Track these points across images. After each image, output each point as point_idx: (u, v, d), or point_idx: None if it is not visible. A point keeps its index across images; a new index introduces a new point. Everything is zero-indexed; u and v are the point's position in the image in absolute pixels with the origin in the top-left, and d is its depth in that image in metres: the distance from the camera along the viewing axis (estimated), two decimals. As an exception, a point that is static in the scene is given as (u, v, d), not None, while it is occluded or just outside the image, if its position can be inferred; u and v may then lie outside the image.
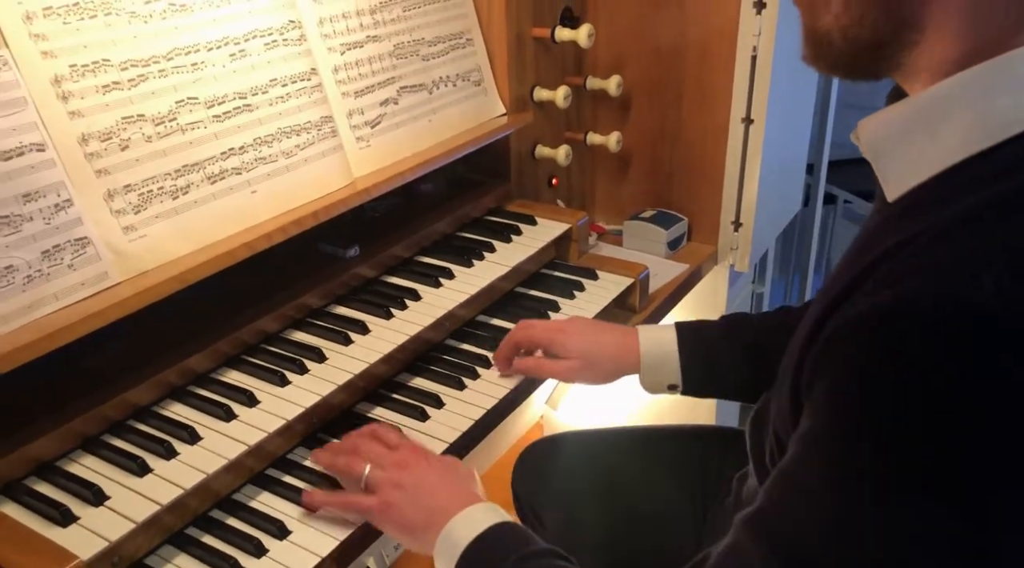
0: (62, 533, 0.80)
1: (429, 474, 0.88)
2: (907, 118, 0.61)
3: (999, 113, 0.56)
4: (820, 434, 0.58)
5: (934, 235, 0.55)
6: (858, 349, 0.55)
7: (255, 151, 1.06)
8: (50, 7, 0.88)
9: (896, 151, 0.62)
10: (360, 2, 1.21)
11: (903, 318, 0.53)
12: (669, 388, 1.08)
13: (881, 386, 0.53)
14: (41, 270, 0.85)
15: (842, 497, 0.55)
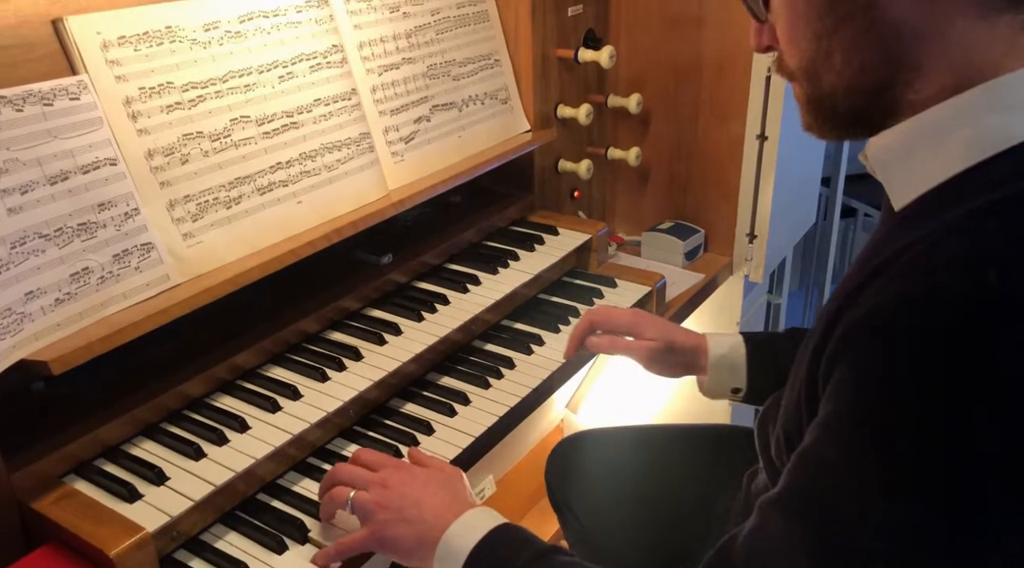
0: (129, 508, 0.90)
1: (413, 488, 0.87)
2: (911, 136, 0.67)
3: (990, 131, 0.62)
4: (835, 421, 0.63)
5: (933, 239, 0.60)
6: (863, 347, 0.61)
7: (300, 165, 1.15)
8: (124, 36, 0.98)
9: (901, 165, 0.68)
10: (397, 27, 1.30)
11: (903, 314, 0.58)
12: (732, 392, 1.13)
13: (883, 381, 0.59)
14: (112, 272, 0.95)
15: (857, 475, 0.61)
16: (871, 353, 0.60)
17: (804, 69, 0.71)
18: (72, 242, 0.91)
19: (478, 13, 1.44)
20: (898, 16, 0.63)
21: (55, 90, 0.90)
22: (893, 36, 0.64)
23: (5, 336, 0.83)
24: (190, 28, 1.05)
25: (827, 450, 0.63)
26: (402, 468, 0.92)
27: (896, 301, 0.59)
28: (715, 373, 1.13)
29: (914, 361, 0.57)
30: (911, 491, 0.58)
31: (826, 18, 0.67)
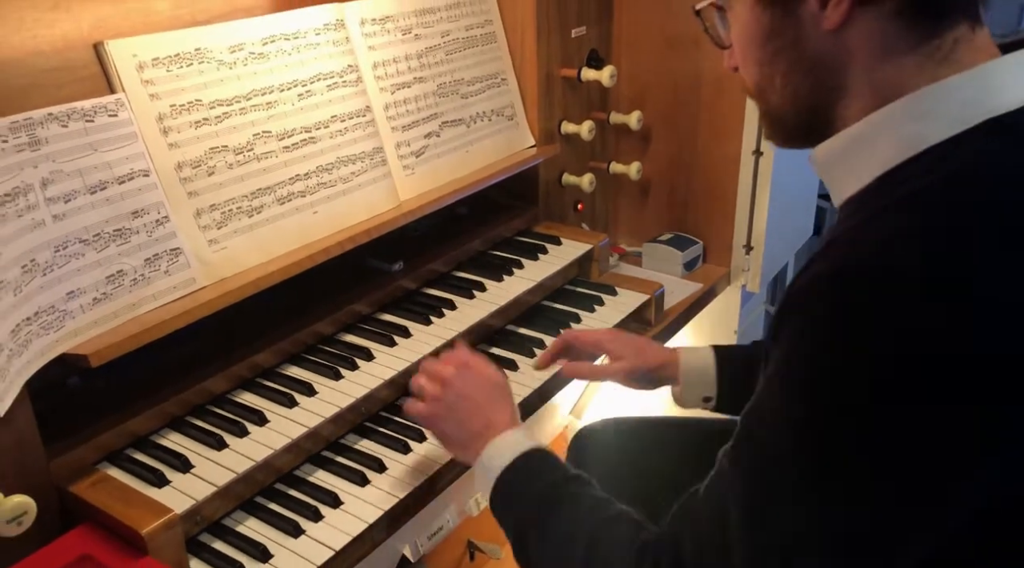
0: (158, 492, 0.97)
1: (468, 391, 1.02)
2: (844, 144, 0.77)
3: (908, 137, 0.72)
4: (766, 380, 0.73)
5: (857, 224, 0.70)
6: (788, 321, 0.69)
7: (317, 177, 1.23)
8: (157, 58, 1.06)
9: (838, 168, 0.78)
10: (409, 48, 1.39)
11: (817, 287, 0.67)
12: (704, 401, 1.20)
13: (799, 347, 0.68)
14: (144, 275, 1.03)
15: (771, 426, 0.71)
16: (792, 325, 0.69)
17: (754, 90, 0.82)
18: (108, 247, 0.99)
19: (486, 35, 1.52)
20: (821, 48, 0.75)
21: (96, 107, 0.98)
22: (818, 66, 0.76)
23: (49, 331, 0.91)
24: (217, 50, 1.13)
25: (760, 401, 0.73)
26: (463, 368, 1.06)
27: (814, 279, 0.68)
28: (687, 383, 1.20)
29: (819, 330, 0.66)
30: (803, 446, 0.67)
31: (766, 49, 0.78)
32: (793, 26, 0.76)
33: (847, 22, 0.73)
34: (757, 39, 0.79)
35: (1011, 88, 0.70)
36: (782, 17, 0.76)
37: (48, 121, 0.92)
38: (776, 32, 0.77)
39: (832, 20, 0.73)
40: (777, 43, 0.77)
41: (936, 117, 0.71)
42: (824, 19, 0.73)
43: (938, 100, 0.71)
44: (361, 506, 1.04)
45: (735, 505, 0.73)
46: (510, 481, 0.94)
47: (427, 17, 1.42)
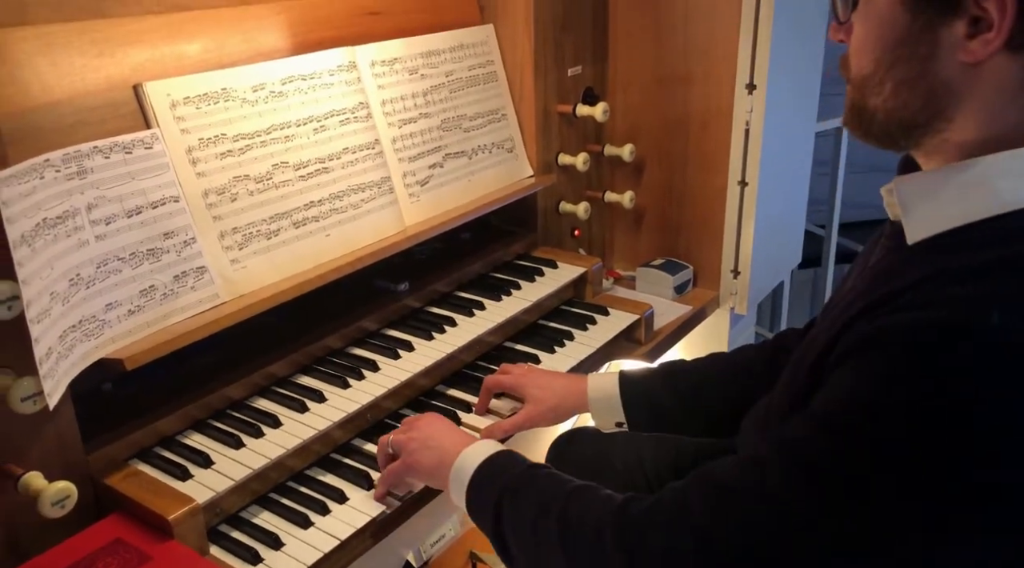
0: (182, 485, 1.08)
1: (435, 427, 1.12)
2: (936, 183, 0.77)
3: (1006, 192, 0.72)
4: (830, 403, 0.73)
5: (953, 276, 0.70)
6: (875, 356, 0.70)
7: (330, 204, 1.35)
8: (188, 97, 1.19)
9: (922, 206, 0.77)
10: (415, 87, 1.51)
11: (932, 335, 0.67)
12: (617, 425, 1.26)
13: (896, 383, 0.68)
14: (173, 290, 1.14)
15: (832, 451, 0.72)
16: (876, 362, 0.70)
17: (859, 82, 0.80)
18: (142, 264, 1.11)
19: (487, 74, 1.65)
20: (948, 75, 0.73)
21: (134, 141, 1.11)
22: (939, 89, 0.74)
23: (90, 338, 1.02)
24: (241, 89, 1.25)
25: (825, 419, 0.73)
26: (423, 415, 1.18)
27: (925, 322, 0.68)
28: (596, 411, 1.26)
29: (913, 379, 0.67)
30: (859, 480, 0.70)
31: (891, 52, 0.75)
32: (930, 41, 0.73)
33: (985, 60, 0.71)
34: (887, 39, 0.75)
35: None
36: (922, 30, 0.73)
37: (93, 153, 1.05)
38: (911, 39, 0.74)
39: (974, 54, 0.71)
40: (906, 51, 0.74)
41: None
42: (967, 49, 0.71)
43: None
44: (365, 502, 1.14)
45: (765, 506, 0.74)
46: (480, 481, 0.99)
47: (432, 58, 1.55)
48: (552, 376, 1.33)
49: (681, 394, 1.23)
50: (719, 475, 0.80)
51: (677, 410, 1.23)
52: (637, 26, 1.80)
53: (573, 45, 1.73)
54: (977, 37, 0.70)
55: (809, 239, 2.25)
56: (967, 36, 0.71)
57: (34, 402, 0.90)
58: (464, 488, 1.01)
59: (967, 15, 0.70)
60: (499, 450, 1.03)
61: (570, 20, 1.71)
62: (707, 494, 0.79)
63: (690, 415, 1.23)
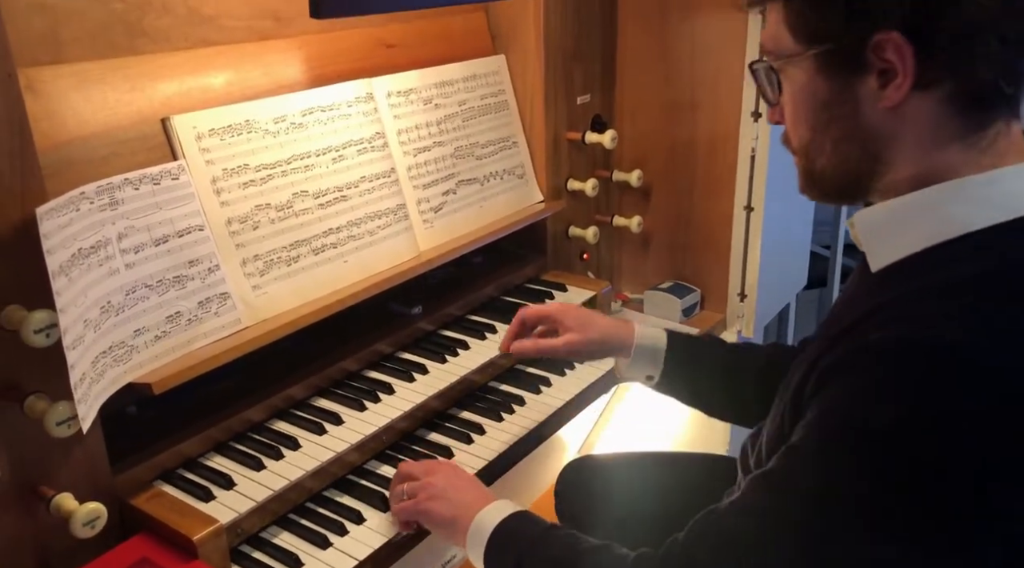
0: (205, 506, 1.11)
1: (455, 478, 1.12)
2: (890, 215, 0.83)
3: (954, 218, 0.78)
4: (813, 428, 0.78)
5: (910, 299, 0.76)
6: (844, 378, 0.75)
7: (348, 231, 1.39)
8: (213, 129, 1.23)
9: (881, 236, 0.84)
10: (429, 116, 1.56)
11: (890, 354, 0.72)
12: (647, 378, 1.28)
13: (862, 400, 0.73)
14: (197, 315, 1.18)
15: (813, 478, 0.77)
16: (848, 380, 0.76)
17: (802, 150, 0.88)
18: (169, 291, 1.15)
19: (499, 103, 1.69)
20: (875, 123, 0.81)
21: (162, 172, 1.15)
22: (869, 138, 0.82)
23: (120, 363, 1.06)
24: (263, 121, 1.30)
25: (807, 446, 0.79)
26: (444, 463, 1.19)
27: (874, 344, 0.74)
28: (636, 358, 1.26)
29: (880, 395, 0.72)
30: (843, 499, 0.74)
31: (821, 116, 0.84)
32: (851, 99, 0.80)
33: (903, 103, 0.77)
34: (813, 105, 0.83)
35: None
36: (841, 89, 0.80)
37: (124, 185, 1.09)
38: (834, 102, 0.81)
39: (891, 99, 0.77)
40: (833, 112, 0.82)
41: (980, 204, 0.77)
42: (883, 97, 0.78)
43: (985, 188, 0.77)
44: (382, 523, 1.17)
45: (766, 539, 0.79)
46: (499, 543, 1.01)
47: (446, 88, 1.59)
48: (594, 312, 1.34)
49: (717, 371, 1.26)
50: (718, 525, 0.85)
51: (710, 384, 1.26)
52: (645, 56, 1.85)
53: (582, 74, 1.78)
54: (889, 85, 0.78)
55: (815, 260, 2.28)
56: (881, 86, 0.78)
57: (68, 426, 0.94)
58: (482, 549, 1.02)
59: (875, 69, 0.78)
60: (516, 511, 1.04)
61: (579, 50, 1.75)
62: (711, 546, 0.85)
63: (717, 393, 1.25)
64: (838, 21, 0.78)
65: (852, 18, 0.77)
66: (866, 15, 0.76)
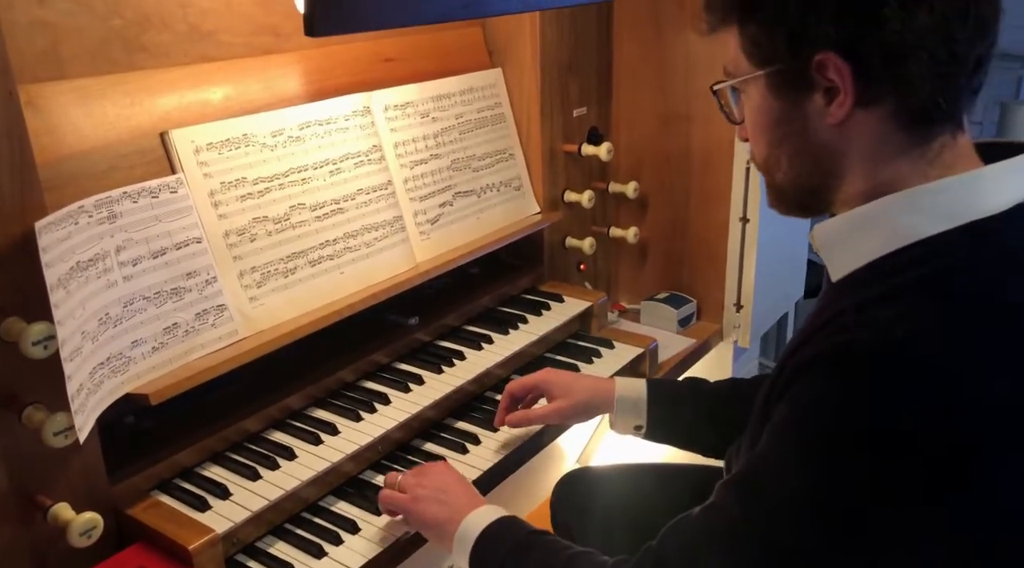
0: (201, 516, 1.12)
1: (445, 479, 1.15)
2: (845, 227, 0.87)
3: (904, 227, 0.82)
4: (775, 434, 0.82)
5: (860, 305, 0.79)
6: (805, 381, 0.79)
7: (344, 242, 1.40)
8: (211, 143, 1.25)
9: (838, 247, 0.88)
10: (426, 129, 1.57)
11: (835, 356, 0.76)
12: (635, 429, 1.32)
13: (821, 402, 0.77)
14: (194, 327, 1.20)
15: (779, 477, 0.81)
16: (802, 389, 0.80)
17: (762, 165, 0.94)
18: (166, 303, 1.16)
19: (495, 116, 1.71)
20: (824, 139, 0.85)
21: (160, 186, 1.17)
22: (821, 153, 0.86)
23: (117, 374, 1.07)
24: (261, 135, 1.32)
25: (768, 451, 0.83)
26: (439, 464, 1.22)
27: (823, 352, 0.78)
28: (620, 411, 1.31)
29: (832, 401, 0.76)
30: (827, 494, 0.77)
31: (774, 132, 0.89)
32: (801, 117, 0.85)
33: (848, 119, 0.82)
34: (767, 122, 0.88)
35: (995, 194, 0.81)
36: (791, 107, 0.85)
37: (123, 198, 1.11)
38: (785, 119, 0.86)
39: (835, 116, 0.82)
40: (786, 129, 0.87)
41: (929, 213, 0.81)
42: (828, 114, 0.82)
43: (932, 198, 0.81)
44: (376, 533, 1.18)
45: (733, 542, 0.83)
46: (484, 546, 1.04)
47: (443, 102, 1.61)
48: (577, 375, 1.40)
49: (701, 409, 1.30)
50: (689, 532, 0.89)
51: (696, 423, 1.29)
52: (640, 69, 1.87)
53: (578, 87, 1.80)
54: (833, 102, 0.82)
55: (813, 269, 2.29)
56: (827, 104, 0.82)
57: (65, 436, 0.96)
58: (468, 551, 1.05)
59: (820, 87, 0.82)
60: (503, 516, 1.07)
61: (576, 64, 1.77)
62: (681, 545, 0.89)
63: (706, 431, 1.29)
64: (783, 43, 0.82)
65: (795, 40, 0.81)
66: (807, 36, 0.80)
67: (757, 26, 0.85)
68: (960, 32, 0.77)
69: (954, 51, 0.78)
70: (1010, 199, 0.81)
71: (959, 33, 0.77)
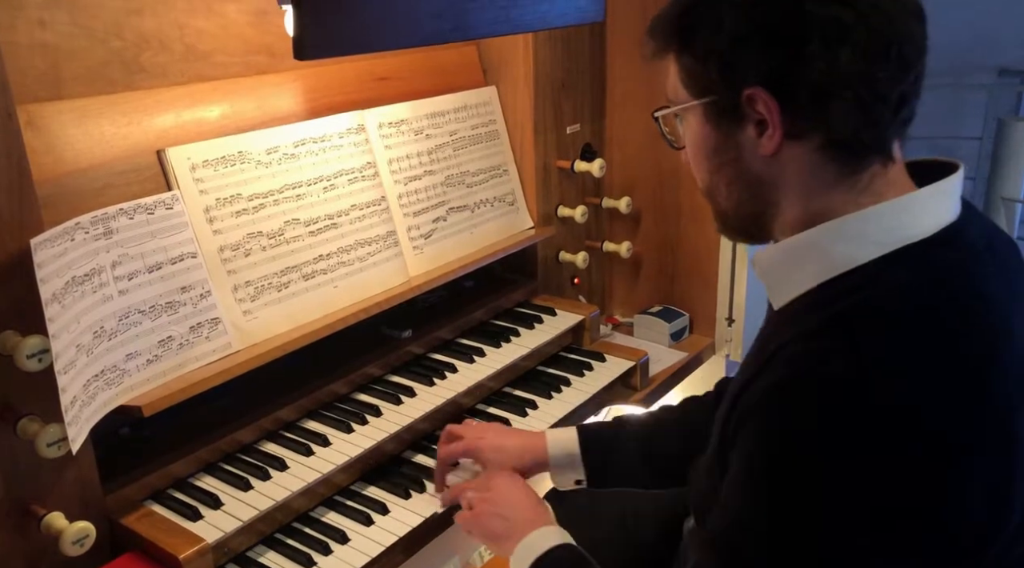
0: (193, 525, 1.14)
1: (510, 494, 1.16)
2: (782, 255, 0.90)
3: (839, 256, 0.84)
4: (739, 478, 0.84)
5: (802, 337, 0.80)
6: (755, 421, 0.81)
7: (338, 257, 1.43)
8: (207, 160, 1.28)
9: (777, 276, 0.91)
10: (420, 146, 1.60)
11: (780, 394, 0.78)
12: (576, 483, 1.27)
13: (771, 442, 0.79)
14: (189, 340, 1.22)
15: (752, 520, 0.81)
16: (750, 431, 0.81)
17: (706, 192, 0.96)
18: (161, 316, 1.19)
19: (490, 132, 1.74)
20: (758, 169, 0.87)
21: (156, 202, 1.20)
22: (756, 183, 0.89)
23: (111, 386, 1.10)
24: (256, 152, 1.35)
25: (733, 499, 0.84)
26: (503, 477, 1.21)
27: (765, 391, 0.80)
28: (556, 468, 1.26)
29: (785, 435, 0.78)
30: (790, 532, 0.78)
31: (712, 161, 0.91)
32: (735, 146, 0.87)
33: (779, 151, 0.84)
34: (706, 151, 0.91)
35: (922, 218, 0.83)
36: (726, 137, 0.87)
37: (119, 215, 1.14)
38: (721, 148, 0.88)
39: (766, 148, 0.84)
40: (722, 157, 0.89)
41: (862, 241, 0.83)
42: (760, 146, 0.84)
43: (862, 226, 0.83)
44: (365, 543, 1.20)
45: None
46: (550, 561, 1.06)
47: (437, 119, 1.64)
48: (507, 435, 1.32)
49: (636, 447, 1.27)
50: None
51: (635, 462, 1.26)
52: (634, 86, 1.89)
53: (572, 104, 1.83)
54: (764, 134, 0.84)
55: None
56: (758, 136, 0.85)
57: (58, 447, 0.98)
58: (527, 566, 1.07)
59: (752, 120, 0.85)
60: (561, 544, 1.08)
61: (569, 81, 1.80)
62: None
63: (646, 467, 1.26)
64: (716, 76, 0.85)
65: (726, 73, 0.84)
66: (737, 71, 0.83)
67: (692, 58, 0.87)
68: (883, 71, 0.80)
69: (876, 90, 0.80)
70: (938, 223, 0.83)
71: (881, 72, 0.80)
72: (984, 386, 0.76)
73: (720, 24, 0.83)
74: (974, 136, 3.54)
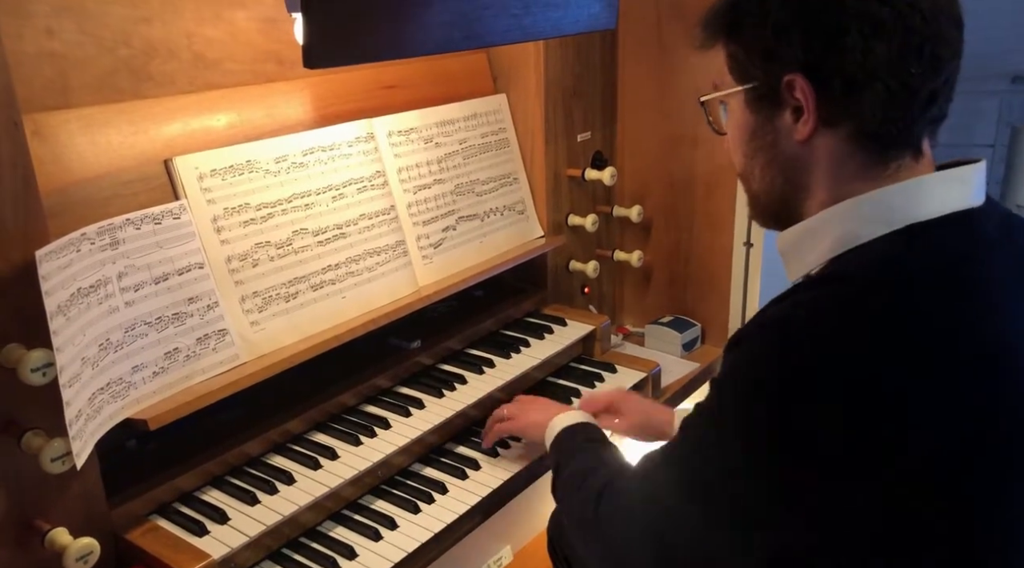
0: (199, 540, 1.12)
1: (541, 399, 1.42)
2: (799, 234, 0.95)
3: (848, 233, 0.88)
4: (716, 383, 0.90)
5: (795, 291, 0.87)
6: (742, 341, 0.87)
7: (346, 267, 1.41)
8: (214, 169, 1.27)
9: (794, 253, 0.96)
10: (429, 155, 1.59)
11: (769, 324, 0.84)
12: None
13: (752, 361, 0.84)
14: (196, 351, 1.21)
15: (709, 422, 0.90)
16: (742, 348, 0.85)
17: (740, 175, 1.01)
18: (167, 328, 1.17)
19: (499, 141, 1.72)
20: (792, 153, 0.92)
21: (163, 212, 1.18)
22: (789, 166, 0.93)
23: (117, 399, 1.08)
24: (265, 161, 1.33)
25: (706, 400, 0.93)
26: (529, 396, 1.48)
27: (762, 321, 0.85)
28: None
29: (735, 398, 0.85)
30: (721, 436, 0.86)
31: (749, 144, 0.96)
32: (772, 131, 0.92)
33: (812, 137, 0.89)
34: (744, 135, 0.96)
35: (931, 201, 0.87)
36: (764, 122, 0.93)
37: (125, 225, 1.12)
38: (759, 133, 0.94)
39: (801, 133, 0.89)
40: (759, 141, 0.94)
41: (868, 219, 0.88)
42: (796, 131, 0.90)
43: (872, 205, 0.88)
44: (374, 559, 1.18)
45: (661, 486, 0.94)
46: (562, 438, 1.26)
47: (447, 127, 1.63)
48: (649, 403, 1.49)
49: None
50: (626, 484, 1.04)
51: None
52: (645, 94, 1.87)
53: (582, 112, 1.81)
54: (800, 120, 0.89)
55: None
56: (794, 121, 0.90)
57: (63, 462, 0.96)
58: (552, 438, 1.28)
59: (789, 106, 0.90)
60: (572, 424, 1.28)
61: (580, 88, 1.78)
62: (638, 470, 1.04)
63: None
64: (759, 63, 0.91)
65: (768, 60, 0.89)
66: (778, 58, 0.88)
67: (738, 46, 0.93)
68: (915, 67, 0.84)
69: (907, 83, 0.85)
70: (947, 206, 0.86)
71: (914, 68, 0.84)
72: (938, 353, 0.79)
73: (766, 15, 0.88)
74: (987, 143, 3.51)
